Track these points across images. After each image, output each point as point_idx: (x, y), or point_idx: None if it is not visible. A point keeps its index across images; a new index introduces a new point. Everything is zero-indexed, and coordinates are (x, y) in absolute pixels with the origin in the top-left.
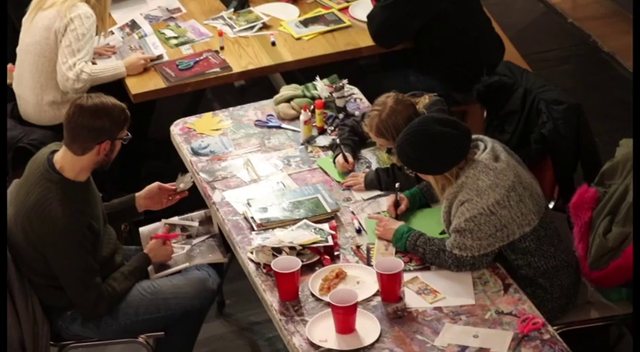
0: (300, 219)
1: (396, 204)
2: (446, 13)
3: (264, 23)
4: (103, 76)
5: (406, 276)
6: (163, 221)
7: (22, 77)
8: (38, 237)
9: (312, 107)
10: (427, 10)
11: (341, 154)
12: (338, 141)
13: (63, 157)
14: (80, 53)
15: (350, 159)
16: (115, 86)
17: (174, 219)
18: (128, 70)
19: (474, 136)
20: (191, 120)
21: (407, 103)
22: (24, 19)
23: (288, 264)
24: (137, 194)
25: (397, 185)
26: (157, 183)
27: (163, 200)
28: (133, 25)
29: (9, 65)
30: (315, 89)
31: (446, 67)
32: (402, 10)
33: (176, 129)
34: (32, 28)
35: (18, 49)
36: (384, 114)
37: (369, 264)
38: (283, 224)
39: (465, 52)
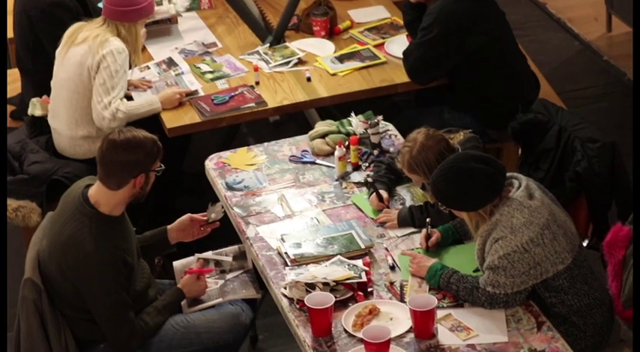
0: (333, 255)
1: (428, 237)
2: (481, 50)
3: (299, 59)
4: (138, 112)
5: (439, 313)
6: (197, 256)
7: (56, 111)
8: (72, 270)
9: (346, 143)
10: (463, 47)
11: (375, 192)
12: (372, 178)
13: (98, 192)
14: (114, 91)
15: (385, 196)
16: (150, 119)
17: (208, 254)
18: (163, 104)
19: (508, 174)
20: (226, 155)
21: (437, 138)
22: (57, 53)
23: (322, 299)
24: (169, 226)
25: (428, 220)
26: (188, 215)
27: (195, 231)
28: (170, 63)
29: (44, 97)
30: (350, 125)
31: (481, 104)
32: (438, 46)
33: (211, 163)
34: (65, 64)
35: (52, 83)
36: (415, 151)
37: (402, 300)
38: (317, 260)
39: (500, 89)
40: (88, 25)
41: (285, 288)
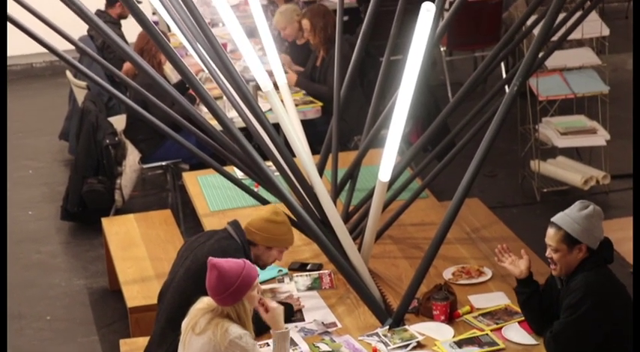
0: None
1: None
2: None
3: (418, 342)
4: None
5: None
6: None
7: None
8: None
9: None
10: (615, 315)
11: None
12: None
13: None
14: None
15: None
16: None
17: None
18: None
19: None
20: None
21: None
22: (180, 339)
23: None
24: None
25: None
26: None
27: None
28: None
29: None
30: None
31: None
32: (593, 318)
33: None
34: (188, 349)
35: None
36: None
37: None
38: None
39: None
40: (207, 308)
41: None
